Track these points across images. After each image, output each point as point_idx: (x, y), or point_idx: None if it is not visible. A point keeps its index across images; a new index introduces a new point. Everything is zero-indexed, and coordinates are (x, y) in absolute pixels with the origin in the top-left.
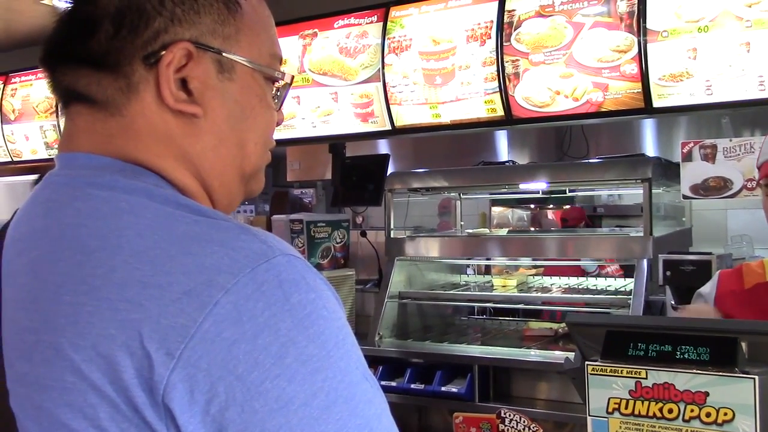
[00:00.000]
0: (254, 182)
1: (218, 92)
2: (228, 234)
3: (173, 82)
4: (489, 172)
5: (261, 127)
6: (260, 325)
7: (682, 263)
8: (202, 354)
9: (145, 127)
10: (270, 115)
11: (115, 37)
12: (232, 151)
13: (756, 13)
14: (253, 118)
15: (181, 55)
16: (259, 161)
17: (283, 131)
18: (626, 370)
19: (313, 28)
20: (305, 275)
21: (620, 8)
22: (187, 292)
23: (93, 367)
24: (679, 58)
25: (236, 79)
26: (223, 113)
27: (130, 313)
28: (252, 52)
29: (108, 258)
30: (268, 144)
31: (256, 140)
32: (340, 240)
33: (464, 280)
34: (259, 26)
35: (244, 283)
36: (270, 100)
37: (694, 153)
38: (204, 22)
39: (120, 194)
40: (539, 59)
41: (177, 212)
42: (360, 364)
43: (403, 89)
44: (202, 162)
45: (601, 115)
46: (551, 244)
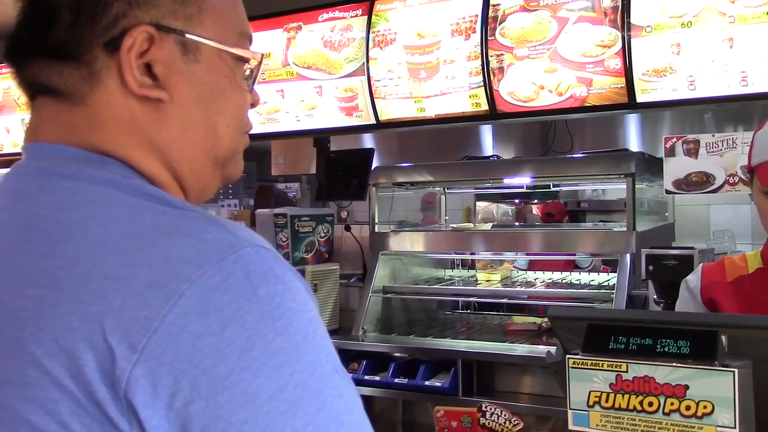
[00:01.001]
0: (231, 166)
1: (184, 75)
2: (195, 225)
3: (136, 68)
4: (473, 167)
5: (232, 108)
6: (226, 317)
7: (664, 258)
8: (166, 347)
9: (110, 116)
10: (242, 97)
11: (73, 25)
12: (201, 135)
13: (739, 8)
14: (223, 99)
15: (143, 39)
16: (232, 144)
17: (267, 125)
18: (607, 364)
19: (298, 21)
20: (274, 267)
21: (604, 3)
22: (151, 284)
23: (55, 362)
24: (663, 53)
25: (202, 60)
26: (190, 96)
27: (92, 305)
28: (217, 32)
29: (72, 250)
30: (242, 126)
31: (227, 123)
32: (324, 234)
33: (448, 275)
34: (224, 4)
35: (210, 275)
36: (241, 81)
37: (677, 148)
38: (164, 3)
39: (86, 185)
40: (524, 54)
41: (144, 203)
42: (330, 357)
43: (388, 83)
44: (171, 148)
45: (585, 109)
46: (535, 238)
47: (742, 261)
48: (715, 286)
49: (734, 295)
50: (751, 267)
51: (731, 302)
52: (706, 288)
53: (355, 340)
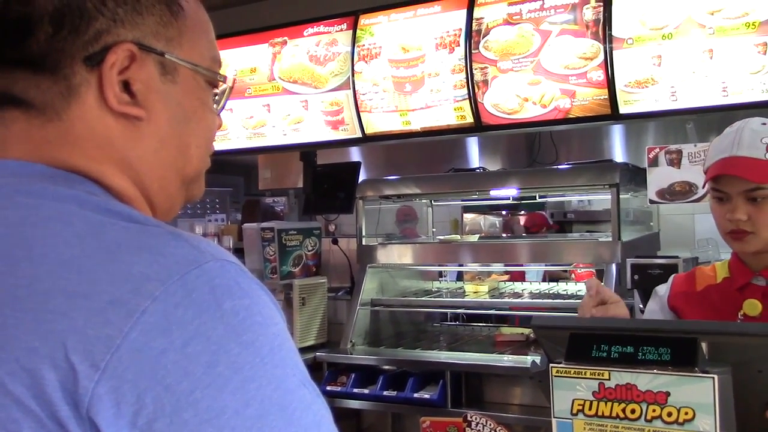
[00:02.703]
0: (195, 187)
1: (161, 95)
2: (158, 240)
3: (116, 84)
4: (459, 179)
5: (203, 130)
6: (190, 333)
7: (649, 267)
8: (129, 365)
9: (84, 132)
10: (212, 119)
11: (54, 37)
12: (172, 154)
13: (718, 20)
14: (196, 121)
15: (125, 56)
16: (200, 164)
17: (254, 140)
18: (589, 372)
19: (283, 36)
20: (239, 280)
21: (586, 16)
22: (113, 301)
23: (16, 381)
24: (644, 64)
25: (179, 81)
26: (165, 116)
27: (54, 324)
28: (194, 55)
29: (33, 268)
30: (209, 148)
31: (198, 144)
32: (311, 248)
33: (436, 287)
34: (199, 29)
35: (173, 291)
36: (211, 104)
37: (660, 158)
38: (147, 23)
39: (49, 202)
40: (507, 66)
41: (107, 219)
42: (298, 370)
43: (373, 97)
44: (142, 166)
45: (569, 121)
46: (522, 249)
47: (711, 271)
48: (681, 295)
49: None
50: (719, 277)
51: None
52: (673, 297)
53: (343, 353)
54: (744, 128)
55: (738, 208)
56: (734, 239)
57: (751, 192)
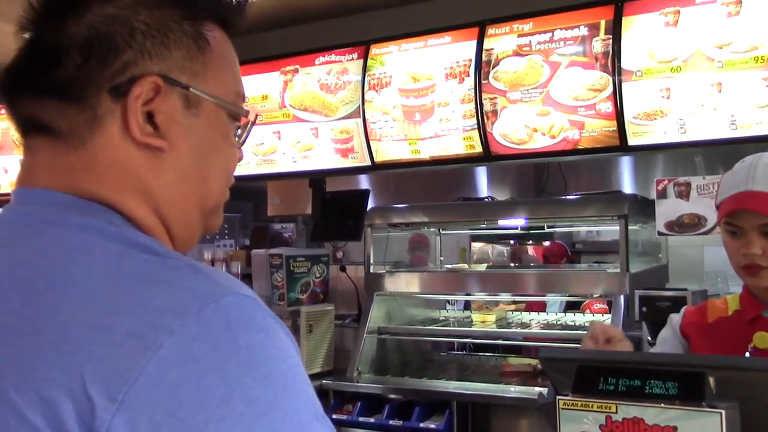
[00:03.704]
0: (214, 218)
1: (184, 127)
2: (177, 273)
3: (140, 116)
4: (468, 208)
5: (223, 163)
6: (205, 367)
7: (658, 299)
8: (145, 397)
9: (107, 161)
10: (232, 152)
11: (82, 67)
12: (193, 186)
13: (726, 54)
14: (217, 154)
15: (150, 88)
16: (220, 197)
17: (264, 166)
18: (597, 405)
19: (295, 65)
20: (254, 315)
21: (595, 48)
22: (131, 333)
23: (36, 411)
24: (653, 97)
25: (202, 114)
26: (187, 148)
27: (73, 355)
28: (218, 89)
29: (54, 298)
30: (229, 180)
31: (218, 176)
32: (319, 275)
33: (443, 316)
34: (224, 64)
35: (189, 325)
36: (232, 138)
37: (669, 190)
38: (173, 57)
39: (72, 232)
40: (517, 97)
41: (128, 251)
42: (311, 403)
43: (383, 125)
44: (163, 196)
45: (578, 152)
46: (530, 280)
47: (722, 304)
48: (693, 326)
49: (710, 335)
50: (730, 309)
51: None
52: (685, 326)
53: (349, 381)
54: (758, 163)
55: (753, 243)
56: (748, 274)
57: (766, 226)
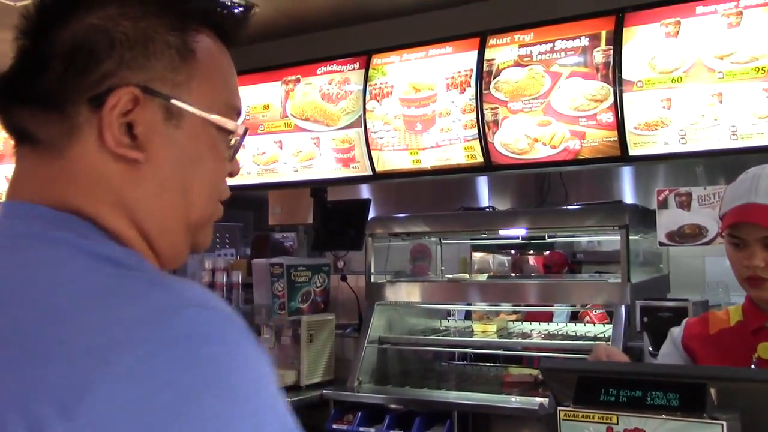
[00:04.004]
0: (201, 235)
1: (164, 138)
2: (138, 286)
3: (117, 127)
4: (469, 218)
5: (208, 176)
6: (162, 382)
7: (659, 309)
8: (99, 414)
9: (84, 171)
10: (220, 165)
11: (63, 76)
12: (174, 198)
13: (727, 65)
14: (200, 166)
15: (127, 99)
16: (205, 211)
17: (265, 175)
18: (598, 416)
19: (296, 74)
20: (219, 328)
21: (596, 59)
22: (89, 348)
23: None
24: (654, 107)
25: (184, 126)
26: (167, 160)
27: (30, 369)
28: (204, 101)
29: (20, 312)
30: (216, 194)
31: (200, 189)
32: (320, 284)
33: (444, 326)
34: (214, 76)
35: (147, 339)
36: (222, 150)
37: (670, 200)
38: (154, 67)
39: (44, 245)
40: (518, 107)
41: (95, 265)
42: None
43: (384, 135)
44: (141, 208)
45: (579, 162)
46: (531, 289)
47: (724, 315)
48: (695, 338)
49: (714, 346)
50: (732, 320)
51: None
52: (687, 338)
53: (350, 391)
54: (761, 175)
55: (756, 255)
56: (751, 286)
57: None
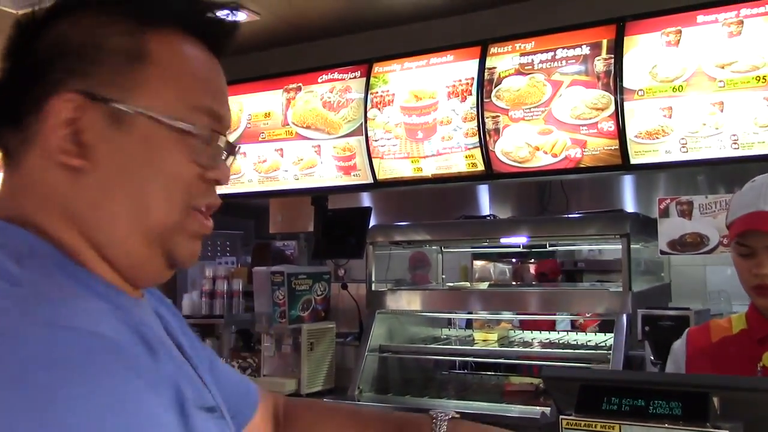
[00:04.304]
0: (175, 246)
1: (111, 144)
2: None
3: (61, 135)
4: (470, 226)
5: (164, 181)
6: None
7: (660, 318)
8: None
9: (35, 182)
10: (183, 170)
11: (21, 88)
12: (122, 206)
13: (728, 74)
14: (154, 171)
15: (71, 106)
16: (168, 218)
17: (266, 183)
18: (600, 425)
19: (298, 83)
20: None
21: (597, 67)
22: None
23: None
24: (655, 116)
25: (133, 131)
26: (113, 166)
27: None
28: (158, 104)
29: None
30: (182, 200)
31: (156, 195)
32: (321, 292)
33: (445, 334)
34: (177, 78)
35: None
36: (186, 154)
37: (671, 209)
38: (100, 73)
39: None
40: (519, 116)
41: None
42: None
43: (386, 143)
44: (88, 217)
45: (580, 170)
46: (532, 298)
47: (727, 323)
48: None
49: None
50: (735, 328)
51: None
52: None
53: (351, 399)
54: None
55: (764, 264)
56: (759, 294)
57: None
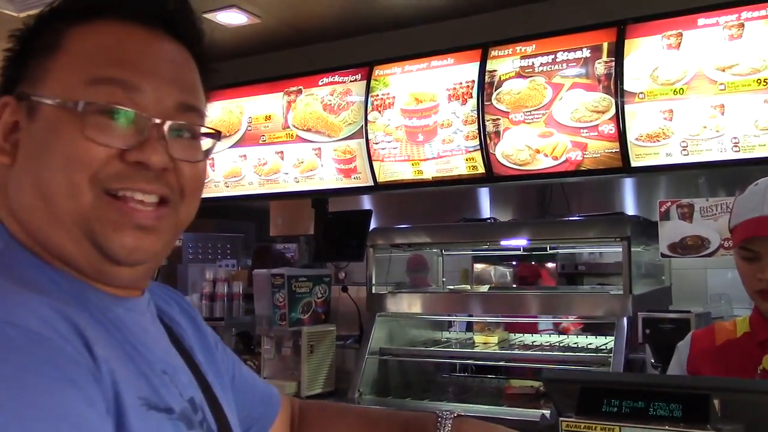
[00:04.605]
0: (101, 239)
1: (26, 137)
2: None
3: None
4: (470, 229)
5: (62, 164)
6: None
7: (661, 321)
8: None
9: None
10: (80, 150)
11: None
12: (33, 195)
13: (729, 76)
14: (50, 155)
15: (8, 110)
16: (75, 205)
17: (267, 186)
18: (600, 427)
19: (298, 85)
20: None
21: (598, 70)
22: None
23: None
24: (656, 119)
25: (40, 119)
26: (24, 157)
27: None
28: (56, 88)
29: None
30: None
31: (58, 180)
32: (321, 295)
33: (445, 337)
34: (81, 56)
35: None
36: (84, 132)
37: (672, 212)
38: (28, 73)
39: None
40: (519, 118)
41: None
42: None
43: (386, 146)
44: (17, 209)
45: (581, 173)
46: (532, 301)
47: (731, 326)
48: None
49: (719, 359)
50: (739, 331)
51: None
52: (693, 358)
53: (351, 402)
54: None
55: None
56: (763, 299)
57: None
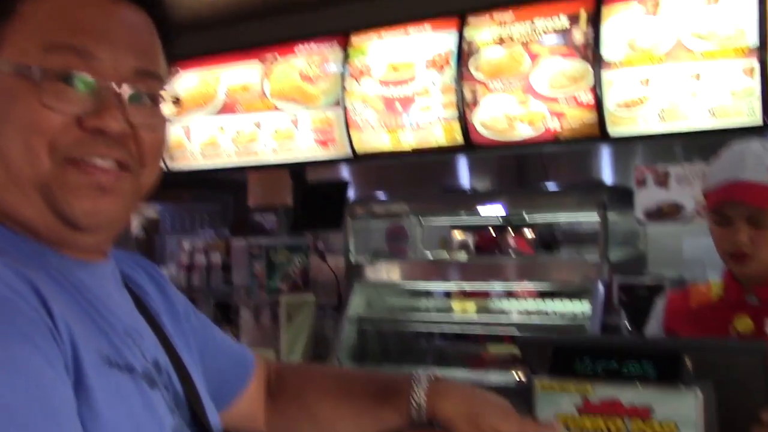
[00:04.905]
0: (61, 203)
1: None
2: None
3: None
4: (448, 198)
5: (19, 131)
6: None
7: (636, 287)
8: None
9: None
10: (37, 117)
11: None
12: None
13: (706, 45)
14: (8, 122)
15: None
16: (35, 171)
17: (244, 156)
18: (573, 386)
19: (274, 54)
20: None
21: (575, 38)
22: None
23: None
24: (633, 87)
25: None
26: None
27: None
28: (11, 54)
29: None
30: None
31: (16, 147)
32: (299, 264)
33: (424, 305)
34: (34, 21)
35: None
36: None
37: (648, 179)
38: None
39: None
40: (497, 87)
41: None
42: None
43: (364, 115)
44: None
45: (558, 142)
46: (510, 268)
47: (706, 289)
48: (677, 316)
49: (694, 321)
50: (714, 294)
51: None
52: (668, 318)
53: None
54: (745, 151)
55: (740, 231)
56: (736, 262)
57: (754, 216)
